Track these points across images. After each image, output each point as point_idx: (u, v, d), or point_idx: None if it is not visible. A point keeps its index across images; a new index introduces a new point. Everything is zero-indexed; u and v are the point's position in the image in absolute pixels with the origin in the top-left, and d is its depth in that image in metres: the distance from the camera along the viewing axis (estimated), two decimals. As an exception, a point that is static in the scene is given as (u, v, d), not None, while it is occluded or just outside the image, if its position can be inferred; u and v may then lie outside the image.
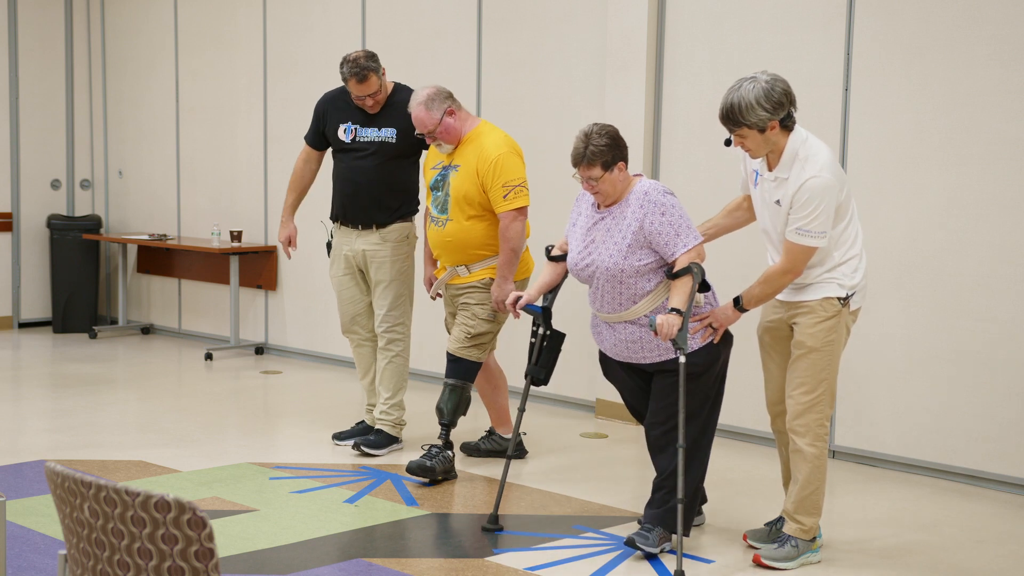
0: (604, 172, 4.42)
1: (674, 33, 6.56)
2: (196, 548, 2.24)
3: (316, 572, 4.34)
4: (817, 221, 4.20)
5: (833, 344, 4.35)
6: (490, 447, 6.01)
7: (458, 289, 5.63)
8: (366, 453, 5.92)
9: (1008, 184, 5.47)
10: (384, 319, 5.95)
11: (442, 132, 5.44)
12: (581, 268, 4.53)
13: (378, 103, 5.85)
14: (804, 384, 4.35)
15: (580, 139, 4.46)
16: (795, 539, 4.45)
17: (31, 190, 10.01)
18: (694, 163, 6.47)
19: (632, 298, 4.43)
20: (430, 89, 5.47)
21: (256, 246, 8.92)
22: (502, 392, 5.99)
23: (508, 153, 5.44)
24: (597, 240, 4.49)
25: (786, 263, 4.28)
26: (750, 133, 4.23)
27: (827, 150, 4.30)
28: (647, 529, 4.56)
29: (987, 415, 5.58)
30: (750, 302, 4.40)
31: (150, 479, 5.49)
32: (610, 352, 4.63)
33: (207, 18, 9.29)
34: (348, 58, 5.79)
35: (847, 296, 4.34)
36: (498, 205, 5.41)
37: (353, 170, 5.92)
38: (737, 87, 4.23)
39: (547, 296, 4.84)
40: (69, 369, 8.36)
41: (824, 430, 4.38)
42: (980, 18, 5.51)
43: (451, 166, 5.51)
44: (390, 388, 6.00)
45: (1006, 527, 5.08)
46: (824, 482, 4.43)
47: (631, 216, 4.42)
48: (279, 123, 8.77)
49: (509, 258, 5.45)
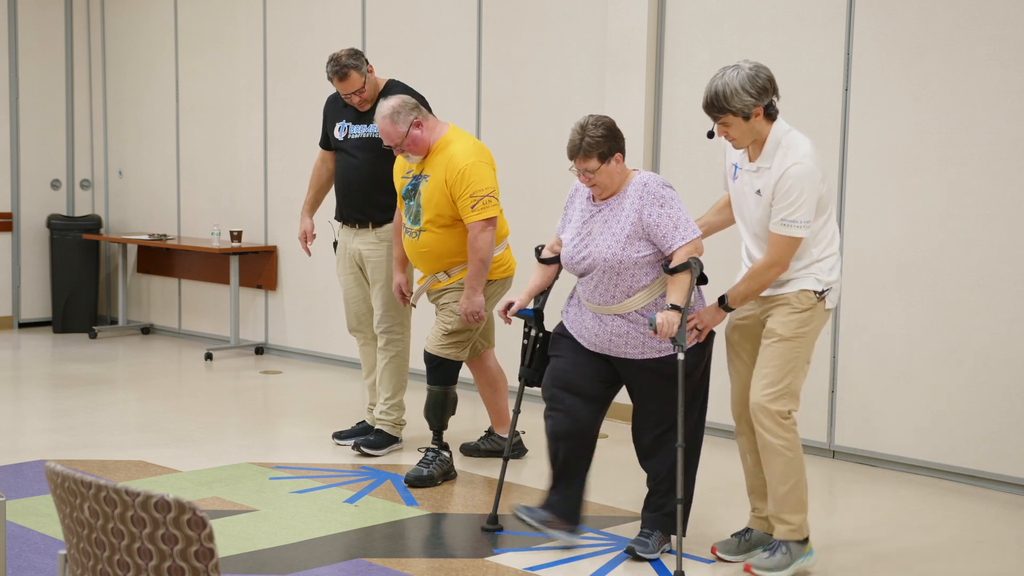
0: (601, 164, 4.36)
1: (674, 33, 6.56)
2: (196, 548, 2.24)
3: (316, 572, 4.34)
4: (801, 210, 4.12)
5: (804, 337, 4.24)
6: (489, 447, 6.01)
7: (438, 292, 5.61)
8: (366, 453, 5.92)
9: (1008, 184, 5.47)
10: (382, 319, 5.95)
11: (409, 144, 5.36)
12: (577, 261, 4.45)
13: (365, 100, 5.85)
14: (769, 374, 4.23)
15: (576, 131, 4.40)
16: (786, 544, 4.31)
17: (31, 190, 10.01)
18: (694, 163, 6.46)
19: (627, 291, 4.37)
20: (395, 101, 5.36)
21: (256, 246, 8.92)
22: (502, 393, 5.98)
23: (476, 163, 5.34)
24: (595, 232, 4.42)
25: (772, 256, 4.19)
26: (735, 120, 4.15)
27: (808, 142, 4.22)
28: (645, 535, 4.54)
29: (987, 415, 5.58)
30: (735, 300, 4.31)
31: (150, 479, 5.49)
32: (588, 343, 4.51)
33: (207, 18, 9.29)
34: (331, 57, 5.82)
35: (823, 291, 4.25)
36: (466, 215, 5.33)
37: (346, 168, 5.96)
38: (720, 75, 4.17)
39: (538, 298, 4.78)
40: (69, 369, 8.36)
41: (790, 422, 4.24)
42: (980, 18, 5.51)
43: (422, 175, 5.44)
44: (389, 388, 5.99)
45: (1006, 527, 5.08)
46: (803, 475, 4.29)
47: (629, 207, 4.36)
48: (279, 123, 8.77)
49: (478, 269, 5.37)
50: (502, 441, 5.98)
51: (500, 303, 4.83)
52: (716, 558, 4.54)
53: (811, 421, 5.98)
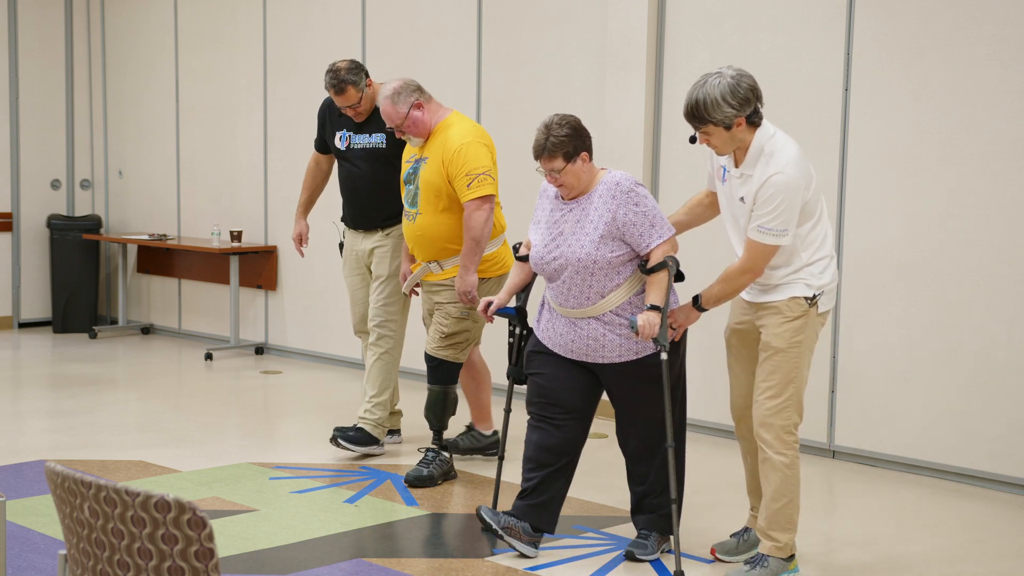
0: (566, 163, 4.30)
1: (674, 33, 6.56)
2: (196, 548, 2.24)
3: (316, 572, 4.34)
4: (779, 219, 4.06)
5: (800, 346, 4.19)
6: (469, 444, 5.93)
7: (431, 286, 5.60)
8: (341, 445, 5.83)
9: (1008, 184, 5.47)
10: (376, 314, 5.92)
11: (409, 125, 5.40)
12: (548, 262, 4.38)
13: (360, 113, 5.86)
14: (771, 388, 4.19)
15: (541, 131, 4.35)
16: (769, 558, 4.26)
17: (31, 190, 10.01)
18: (694, 163, 6.46)
19: (601, 292, 4.31)
20: (397, 83, 5.41)
21: (256, 246, 8.92)
22: (485, 389, 5.94)
23: (473, 142, 5.35)
24: (566, 232, 4.36)
25: (745, 262, 4.14)
26: (716, 130, 4.10)
27: (794, 147, 4.14)
28: (643, 536, 4.54)
29: (987, 415, 5.58)
30: (708, 301, 4.27)
31: (150, 479, 5.49)
32: (563, 350, 4.45)
33: (207, 18, 9.29)
34: (331, 68, 5.80)
35: (814, 296, 4.18)
36: (462, 194, 5.33)
37: (351, 177, 5.97)
38: (702, 83, 4.09)
39: (519, 296, 4.75)
40: (69, 369, 8.36)
41: (792, 437, 4.21)
42: (980, 18, 5.51)
43: (421, 159, 5.47)
44: (376, 386, 5.94)
45: (1006, 527, 5.08)
46: (798, 494, 4.25)
47: (602, 207, 4.31)
48: (279, 123, 8.77)
49: (471, 248, 5.34)
50: (482, 437, 5.94)
51: (480, 303, 4.76)
52: (715, 558, 4.54)
53: (811, 421, 5.97)
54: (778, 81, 5.91)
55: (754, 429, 4.26)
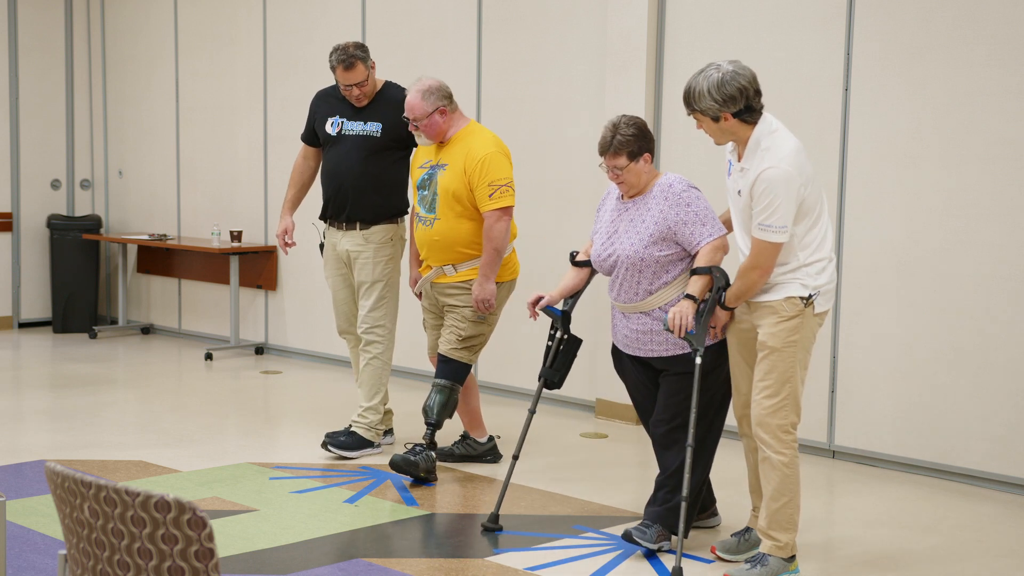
0: (629, 162, 4.50)
1: (674, 33, 6.56)
2: (196, 548, 2.24)
3: (316, 572, 4.34)
4: (776, 215, 4.09)
5: (796, 345, 4.19)
6: (464, 452, 5.90)
7: (443, 289, 5.60)
8: (332, 452, 5.85)
9: (1008, 184, 5.47)
10: (364, 319, 5.91)
11: (427, 126, 5.43)
12: (604, 258, 4.60)
13: (364, 95, 5.85)
14: (768, 387, 4.20)
15: (608, 128, 4.53)
16: (769, 557, 4.26)
17: (31, 190, 10.01)
18: (694, 163, 6.46)
19: (649, 289, 4.49)
20: (432, 81, 5.47)
21: (256, 246, 8.92)
22: (474, 395, 5.90)
23: (496, 153, 5.44)
24: (620, 231, 4.56)
25: (752, 259, 4.20)
26: (703, 119, 4.21)
27: (793, 142, 4.16)
28: (646, 525, 4.56)
29: (987, 415, 5.58)
30: (731, 300, 4.32)
31: (150, 479, 5.49)
32: (621, 344, 4.67)
33: (207, 18, 9.29)
34: (337, 46, 5.80)
35: (810, 296, 4.19)
36: (483, 204, 5.39)
37: (338, 163, 5.91)
38: (700, 71, 4.19)
39: (568, 300, 4.83)
40: (69, 369, 8.36)
41: (791, 437, 4.22)
42: (980, 18, 5.51)
43: (439, 165, 5.49)
44: (367, 394, 5.95)
45: (1006, 527, 5.08)
46: (798, 494, 4.26)
47: (655, 208, 4.49)
48: (279, 123, 8.77)
49: (492, 258, 5.43)
50: (477, 445, 5.91)
51: (531, 294, 4.85)
52: (716, 558, 4.54)
53: (811, 421, 5.98)
54: (778, 81, 5.91)
55: (752, 428, 4.29)
